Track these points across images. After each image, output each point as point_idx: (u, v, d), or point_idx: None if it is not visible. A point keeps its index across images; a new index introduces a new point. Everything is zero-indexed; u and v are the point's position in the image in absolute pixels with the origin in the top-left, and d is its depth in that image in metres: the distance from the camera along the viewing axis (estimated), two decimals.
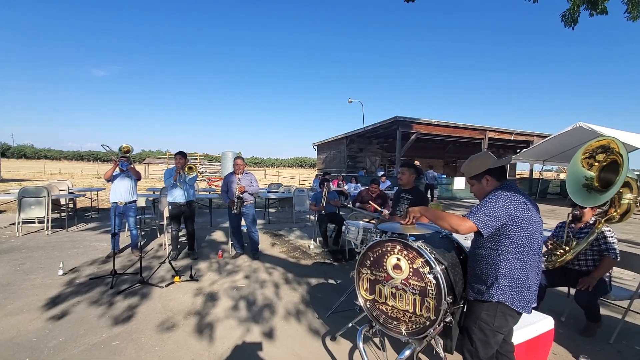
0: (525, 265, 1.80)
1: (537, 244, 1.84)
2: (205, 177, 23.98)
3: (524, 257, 1.80)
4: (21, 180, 20.50)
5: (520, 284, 1.80)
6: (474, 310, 1.93)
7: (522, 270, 1.80)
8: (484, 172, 1.98)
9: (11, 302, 3.45)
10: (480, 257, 1.92)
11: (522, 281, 1.80)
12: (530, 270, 1.83)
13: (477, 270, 1.94)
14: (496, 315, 1.84)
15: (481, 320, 1.88)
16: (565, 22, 4.88)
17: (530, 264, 1.82)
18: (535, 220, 1.83)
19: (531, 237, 1.80)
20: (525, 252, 1.80)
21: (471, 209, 1.88)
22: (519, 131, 18.29)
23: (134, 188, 5.26)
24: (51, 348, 2.66)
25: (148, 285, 3.94)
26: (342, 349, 2.78)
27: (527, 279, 1.81)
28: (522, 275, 1.80)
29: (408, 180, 3.69)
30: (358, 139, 21.25)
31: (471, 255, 2.03)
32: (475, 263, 1.96)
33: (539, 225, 1.87)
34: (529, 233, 1.79)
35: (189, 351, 2.69)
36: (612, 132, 9.68)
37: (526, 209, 1.79)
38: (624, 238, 7.27)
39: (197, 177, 5.33)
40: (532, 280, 1.85)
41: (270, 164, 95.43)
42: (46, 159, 76.55)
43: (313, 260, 5.27)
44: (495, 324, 1.85)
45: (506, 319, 1.85)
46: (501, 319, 1.84)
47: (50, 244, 5.71)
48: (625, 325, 3.07)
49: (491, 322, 1.85)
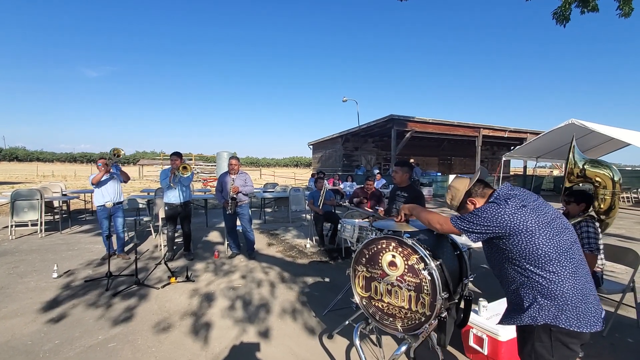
0: (564, 275, 1.48)
1: (566, 244, 1.52)
2: (201, 177, 23.88)
3: (555, 267, 1.49)
4: (14, 183, 20.27)
5: (568, 300, 1.47)
6: (526, 340, 1.59)
7: (562, 283, 1.47)
8: (464, 198, 1.81)
9: (5, 305, 3.42)
10: (505, 273, 1.65)
11: (569, 295, 1.47)
12: (574, 278, 1.49)
13: (509, 287, 1.66)
14: (553, 345, 1.49)
15: (537, 354, 1.53)
16: (557, 20, 4.93)
17: (569, 270, 1.49)
18: (547, 218, 1.54)
19: (551, 240, 1.50)
20: (554, 261, 1.49)
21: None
22: (512, 128, 18.43)
23: (120, 190, 5.24)
24: (47, 351, 2.64)
25: (144, 287, 3.93)
26: (339, 347, 2.79)
27: (574, 291, 1.48)
28: (566, 289, 1.47)
29: (402, 178, 3.72)
30: (353, 137, 21.28)
31: (493, 268, 1.77)
32: (503, 278, 1.70)
33: (558, 221, 1.57)
34: (547, 237, 1.50)
35: (185, 352, 2.69)
36: (604, 129, 9.79)
37: (527, 212, 1.54)
38: (616, 232, 7.37)
39: (192, 176, 5.32)
40: (585, 288, 1.50)
41: (266, 163, 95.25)
42: (39, 161, 75.79)
43: (309, 259, 5.28)
44: (555, 356, 1.50)
45: (569, 347, 1.49)
46: (562, 348, 1.49)
47: (44, 247, 5.66)
48: (618, 318, 3.12)
49: (549, 354, 1.51)
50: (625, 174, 18.08)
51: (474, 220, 1.63)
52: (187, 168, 4.93)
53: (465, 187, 1.81)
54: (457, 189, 1.83)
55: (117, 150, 4.92)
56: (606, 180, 3.14)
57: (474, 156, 18.60)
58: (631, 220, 9.26)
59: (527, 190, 1.70)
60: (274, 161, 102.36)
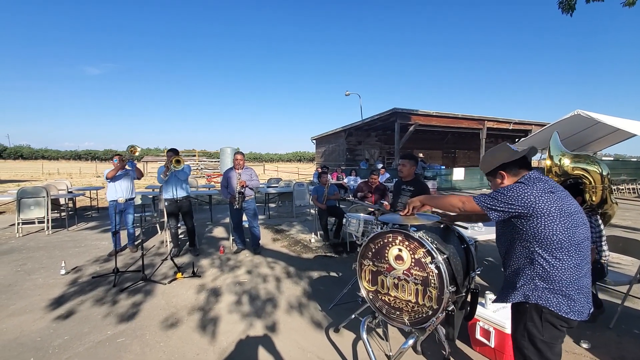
0: (568, 264, 1.55)
1: (580, 237, 1.56)
2: (204, 173, 23.92)
3: (563, 255, 1.55)
4: (19, 181, 20.44)
5: (564, 287, 1.56)
6: (518, 320, 1.70)
7: (563, 271, 1.55)
8: (497, 167, 1.79)
9: (14, 302, 3.46)
10: (512, 252, 1.71)
11: (566, 284, 1.55)
12: (577, 270, 1.56)
13: (511, 266, 1.72)
14: (544, 326, 1.60)
15: (529, 333, 1.64)
16: (562, 9, 4.85)
17: (574, 262, 1.56)
18: (570, 210, 1.57)
19: (568, 230, 1.54)
20: (564, 249, 1.55)
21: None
22: (517, 120, 18.27)
23: (133, 186, 5.36)
24: (56, 347, 2.67)
25: (151, 283, 3.96)
26: (346, 340, 2.80)
27: (572, 281, 1.56)
28: (565, 277, 1.55)
29: (409, 172, 3.69)
30: (356, 131, 21.20)
31: (501, 246, 1.83)
32: (508, 257, 1.75)
33: (578, 215, 1.60)
34: (565, 226, 1.54)
35: (193, 346, 2.71)
36: (609, 119, 9.66)
37: (554, 198, 1.56)
38: (622, 224, 7.33)
39: (189, 170, 5.32)
40: (582, 281, 1.58)
41: (269, 159, 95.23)
42: (44, 159, 76.15)
43: (314, 253, 5.29)
44: (545, 336, 1.61)
45: (557, 328, 1.60)
46: (551, 329, 1.60)
47: (51, 244, 5.72)
48: (625, 310, 3.10)
49: (540, 334, 1.62)
50: (631, 166, 17.91)
51: (500, 197, 1.64)
52: (179, 162, 4.93)
53: (504, 158, 1.78)
54: (495, 157, 1.81)
55: (134, 148, 5.02)
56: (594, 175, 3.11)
57: (478, 149, 18.51)
58: (637, 212, 9.20)
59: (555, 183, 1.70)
60: (277, 156, 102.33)
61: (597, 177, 2.98)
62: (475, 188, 16.46)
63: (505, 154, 1.78)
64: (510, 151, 1.78)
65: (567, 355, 2.60)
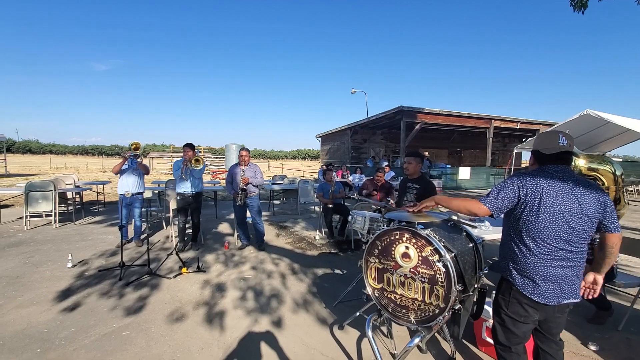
0: (535, 253, 1.68)
1: (555, 233, 1.65)
2: (210, 169, 24.01)
3: (532, 244, 1.69)
4: (27, 175, 20.65)
5: (528, 271, 1.70)
6: (496, 292, 1.93)
7: (531, 258, 1.69)
8: (534, 150, 1.87)
9: (21, 294, 3.49)
10: (504, 232, 1.89)
11: (533, 269, 1.69)
12: (543, 260, 1.67)
13: (502, 244, 1.92)
14: (510, 301, 1.79)
15: (497, 303, 1.87)
16: (574, 7, 4.77)
17: (542, 252, 1.67)
18: (554, 208, 1.64)
19: (541, 224, 1.65)
20: (533, 239, 1.68)
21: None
22: (524, 120, 18.06)
23: (142, 181, 5.43)
24: (62, 339, 2.69)
25: (156, 277, 3.98)
26: (350, 338, 2.79)
27: (536, 267, 1.68)
28: (530, 263, 1.69)
29: (415, 170, 3.67)
30: (362, 129, 21.11)
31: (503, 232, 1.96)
32: (502, 236, 1.93)
33: (563, 214, 1.64)
34: (540, 220, 1.65)
35: (198, 340, 2.72)
36: (619, 120, 9.52)
37: (543, 194, 1.65)
38: (631, 226, 7.22)
39: (204, 168, 5.39)
40: (549, 270, 1.67)
41: (274, 156, 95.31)
42: (51, 154, 76.82)
43: (319, 250, 5.28)
44: (509, 309, 1.79)
45: (522, 307, 1.75)
46: (516, 305, 1.77)
47: (59, 237, 5.77)
48: (634, 312, 3.06)
49: (505, 307, 1.81)
50: None
51: (498, 190, 1.77)
52: (199, 161, 4.99)
53: (536, 144, 1.83)
54: (536, 141, 1.85)
55: (136, 144, 5.09)
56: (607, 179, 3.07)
57: (485, 148, 18.34)
58: None
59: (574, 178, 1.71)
60: (282, 153, 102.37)
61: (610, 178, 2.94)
62: (481, 187, 16.32)
63: (546, 141, 1.79)
64: (548, 140, 1.78)
65: (576, 357, 2.57)
